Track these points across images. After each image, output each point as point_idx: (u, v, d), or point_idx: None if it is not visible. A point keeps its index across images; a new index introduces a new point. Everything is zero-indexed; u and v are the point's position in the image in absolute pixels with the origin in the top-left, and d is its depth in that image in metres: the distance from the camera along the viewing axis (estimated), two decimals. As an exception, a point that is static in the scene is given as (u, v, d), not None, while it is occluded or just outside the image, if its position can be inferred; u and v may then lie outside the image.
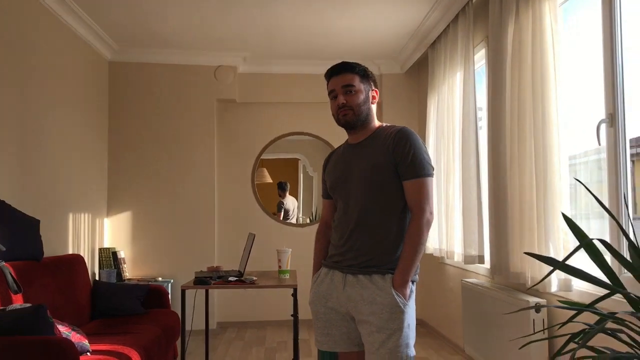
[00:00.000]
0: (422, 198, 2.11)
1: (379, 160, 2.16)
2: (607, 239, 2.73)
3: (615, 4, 2.75)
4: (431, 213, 2.12)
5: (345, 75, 2.24)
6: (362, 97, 2.24)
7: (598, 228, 3.12)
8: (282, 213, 6.42)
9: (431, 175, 2.16)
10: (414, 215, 2.12)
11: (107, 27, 5.08)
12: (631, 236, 1.69)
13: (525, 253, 1.90)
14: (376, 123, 2.31)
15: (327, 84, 2.31)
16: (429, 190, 2.13)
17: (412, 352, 2.09)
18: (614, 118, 2.73)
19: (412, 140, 2.15)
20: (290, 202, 6.50)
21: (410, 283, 2.11)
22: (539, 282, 1.89)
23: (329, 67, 2.31)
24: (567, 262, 1.87)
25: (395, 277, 2.09)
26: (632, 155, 2.73)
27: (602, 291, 2.65)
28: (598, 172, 3.19)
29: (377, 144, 2.21)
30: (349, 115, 2.23)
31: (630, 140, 2.73)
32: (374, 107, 2.31)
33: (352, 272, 2.16)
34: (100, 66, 5.50)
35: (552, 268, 1.73)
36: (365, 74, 2.29)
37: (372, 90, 2.31)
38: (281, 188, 6.49)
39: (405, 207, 2.17)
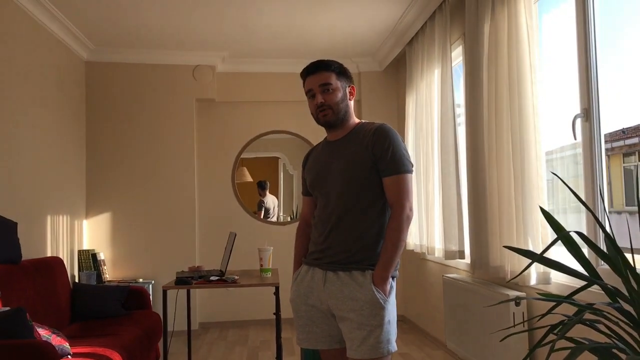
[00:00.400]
0: (401, 194, 2.12)
1: (358, 158, 2.16)
2: (584, 232, 2.78)
3: (588, 0, 2.79)
4: (411, 209, 2.13)
5: (321, 73, 2.23)
6: (340, 94, 2.23)
7: (575, 222, 3.17)
8: (263, 212, 6.41)
9: (410, 171, 2.17)
10: (393, 211, 2.13)
11: (82, 26, 5.02)
12: (607, 228, 1.72)
13: (505, 247, 1.93)
14: (355, 120, 2.31)
15: (304, 84, 2.29)
16: (408, 187, 2.14)
17: (393, 347, 2.09)
18: (588, 113, 2.78)
19: (391, 137, 2.16)
20: (270, 200, 6.50)
21: (390, 279, 2.12)
22: (517, 275, 1.93)
23: (305, 66, 2.30)
24: (546, 255, 1.90)
25: (375, 273, 2.09)
26: (606, 149, 2.78)
27: (580, 283, 2.70)
28: (574, 166, 3.24)
29: (356, 141, 2.21)
30: (329, 115, 2.22)
31: (605, 135, 2.78)
32: (351, 103, 2.31)
33: (332, 269, 2.15)
34: (76, 66, 5.43)
35: (530, 261, 1.76)
36: (341, 71, 2.28)
37: (349, 86, 2.30)
38: (261, 187, 6.49)
39: (385, 203, 2.18)
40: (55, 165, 4.81)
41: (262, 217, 6.37)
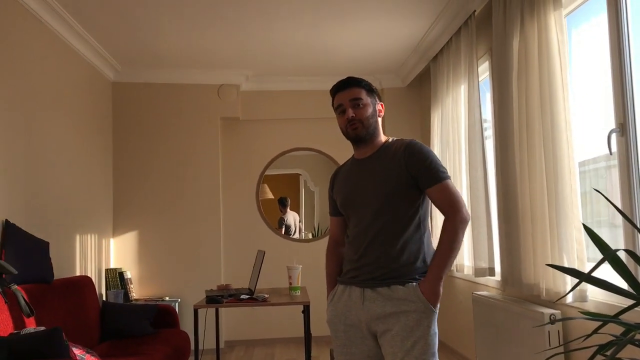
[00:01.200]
0: (452, 198, 2.11)
1: (391, 174, 2.15)
2: (621, 247, 2.72)
3: (622, 13, 2.77)
4: (467, 212, 2.11)
5: (352, 89, 2.25)
6: (370, 110, 2.25)
7: (609, 236, 3.12)
8: (283, 229, 6.40)
9: (449, 177, 2.15)
10: (448, 216, 2.10)
11: (109, 48, 5.10)
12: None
13: (548, 265, 1.90)
14: (383, 137, 2.32)
15: (333, 100, 2.31)
16: (456, 190, 2.14)
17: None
18: (624, 127, 2.74)
19: (424, 150, 2.17)
20: (291, 217, 6.48)
21: (440, 289, 2.07)
22: (565, 295, 1.89)
23: (333, 82, 2.33)
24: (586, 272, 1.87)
25: (427, 278, 2.07)
26: None
27: (619, 301, 2.64)
28: (607, 179, 3.20)
29: (386, 158, 2.21)
30: (359, 129, 2.23)
31: None
32: (380, 120, 2.32)
33: (370, 286, 2.12)
34: (103, 87, 5.51)
35: (576, 280, 1.72)
36: (370, 88, 2.30)
37: (378, 103, 2.33)
38: (282, 204, 6.48)
39: (420, 218, 2.17)
40: (83, 184, 4.87)
41: (283, 233, 6.36)
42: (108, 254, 5.52)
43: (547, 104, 3.12)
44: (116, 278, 5.35)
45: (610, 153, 2.81)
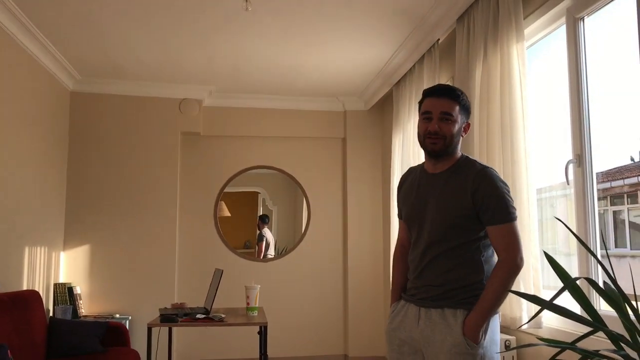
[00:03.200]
0: (511, 244, 2.05)
1: (457, 200, 2.10)
2: (582, 276, 2.79)
3: (580, 47, 2.88)
4: (521, 259, 2.06)
5: (448, 101, 2.13)
6: (457, 127, 2.14)
7: (564, 264, 3.19)
8: (264, 243, 6.32)
9: (516, 218, 2.08)
10: (501, 259, 2.06)
11: (69, 56, 4.98)
12: (610, 271, 1.73)
13: (510, 291, 1.92)
14: (458, 154, 2.22)
15: (422, 101, 2.20)
16: (517, 235, 2.06)
17: None
18: (581, 158, 2.83)
19: (494, 184, 2.07)
20: (269, 234, 6.42)
21: (483, 325, 2.03)
22: (528, 321, 1.91)
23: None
24: (541, 298, 1.89)
25: (469, 319, 2.04)
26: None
27: (574, 329, 2.70)
28: (556, 208, 3.29)
29: (456, 181, 2.13)
30: (439, 145, 2.12)
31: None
32: (461, 139, 2.22)
33: (425, 306, 2.13)
34: (61, 96, 5.37)
35: (535, 307, 1.75)
36: (465, 105, 2.19)
37: (466, 122, 2.21)
38: (262, 220, 6.41)
39: (481, 244, 2.12)
40: (34, 195, 4.70)
41: (263, 249, 6.28)
42: (57, 268, 5.33)
43: (508, 132, 3.19)
44: (65, 293, 5.17)
45: (568, 183, 2.89)
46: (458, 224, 2.10)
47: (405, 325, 2.19)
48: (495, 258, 2.14)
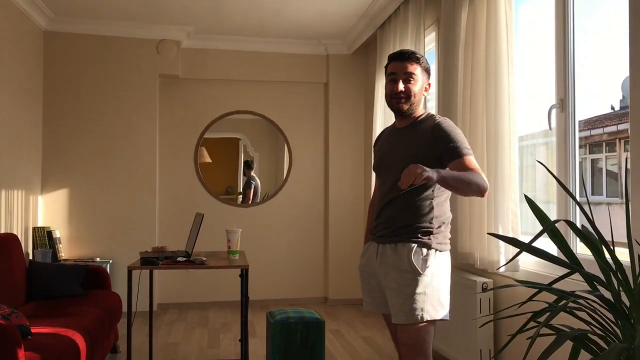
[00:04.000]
0: (473, 168, 2.23)
1: (417, 150, 2.32)
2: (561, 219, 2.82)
3: (568, -8, 2.82)
4: (486, 181, 2.23)
5: (410, 63, 2.38)
6: (419, 85, 2.39)
7: (544, 210, 3.22)
8: (252, 190, 6.30)
9: (471, 154, 2.29)
10: None
11: (42, -6, 4.78)
12: (589, 214, 1.74)
13: (490, 234, 1.94)
14: (420, 111, 2.46)
15: (388, 65, 2.44)
16: (475, 164, 2.27)
17: (429, 315, 2.26)
18: (564, 103, 2.82)
19: (450, 129, 2.31)
20: (256, 181, 6.39)
21: (431, 174, 2.03)
22: (507, 263, 1.94)
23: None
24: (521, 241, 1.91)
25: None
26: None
27: (550, 272, 2.75)
28: (537, 155, 3.30)
29: (417, 133, 2.38)
30: (402, 103, 2.37)
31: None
32: (423, 97, 2.47)
33: (382, 242, 2.40)
34: (34, 36, 5.18)
35: (513, 250, 1.76)
36: (426, 67, 2.44)
37: (427, 82, 2.46)
38: (247, 166, 6.37)
39: (435, 188, 2.32)
40: (9, 138, 4.59)
41: (251, 196, 6.27)
42: (36, 212, 5.28)
43: (492, 77, 3.16)
44: (44, 237, 5.13)
45: (550, 128, 2.89)
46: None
47: (370, 261, 2.46)
48: (447, 205, 2.40)
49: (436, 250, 2.31)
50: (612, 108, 4.21)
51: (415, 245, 2.29)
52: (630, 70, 2.30)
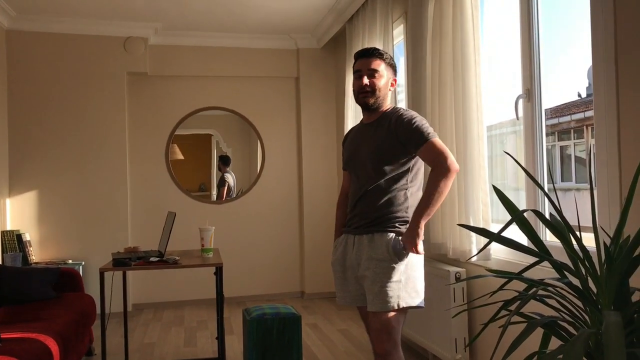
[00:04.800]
0: (437, 154, 2.32)
1: (383, 141, 2.41)
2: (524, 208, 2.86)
3: (532, -17, 2.85)
4: (452, 162, 2.30)
5: (374, 59, 2.47)
6: (383, 80, 2.48)
7: (513, 199, 3.27)
8: (226, 188, 6.25)
9: (436, 136, 2.36)
10: (433, 169, 2.33)
11: (3, -8, 4.67)
12: (556, 203, 1.77)
13: (459, 225, 1.96)
14: (387, 106, 2.54)
15: (355, 63, 2.53)
16: (440, 146, 2.33)
17: (405, 302, 2.33)
18: (530, 93, 2.86)
19: (410, 117, 2.39)
20: (231, 177, 6.34)
21: (420, 231, 2.30)
22: (476, 254, 1.96)
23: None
24: (491, 232, 1.94)
25: (410, 225, 2.33)
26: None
27: (521, 260, 2.79)
28: (507, 144, 3.34)
29: (383, 126, 2.45)
30: (368, 97, 2.46)
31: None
32: (390, 93, 2.55)
33: (358, 233, 2.46)
34: (-4, 35, 5.06)
35: (484, 239, 1.78)
36: (390, 62, 2.53)
37: (393, 78, 2.55)
38: (223, 162, 6.32)
39: (408, 178, 2.42)
40: (-26, 140, 4.49)
41: (225, 194, 6.22)
42: (4, 215, 5.17)
43: (459, 68, 3.19)
44: (14, 240, 5.03)
45: (517, 118, 2.92)
46: (387, 158, 2.41)
47: (346, 253, 2.51)
48: (420, 193, 2.45)
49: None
50: (579, 95, 4.28)
51: (393, 235, 2.37)
52: (593, 59, 2.33)
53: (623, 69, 2.22)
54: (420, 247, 2.33)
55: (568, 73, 3.31)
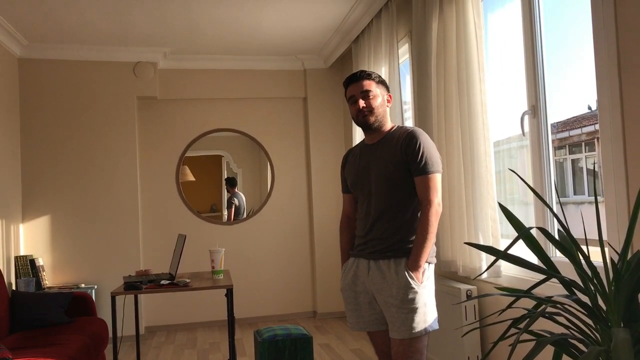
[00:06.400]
0: (429, 192, 2.34)
1: (393, 160, 2.40)
2: (533, 224, 2.86)
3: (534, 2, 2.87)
4: (439, 204, 2.35)
5: (363, 81, 2.48)
6: (379, 100, 2.48)
7: (519, 213, 3.26)
8: (233, 209, 6.29)
9: (439, 171, 2.39)
10: (423, 207, 2.35)
11: (14, 21, 4.75)
12: (563, 221, 1.77)
13: (466, 243, 1.96)
14: (389, 124, 2.53)
15: (346, 91, 2.54)
16: (436, 184, 2.36)
17: (431, 327, 2.34)
18: (536, 109, 2.86)
19: (421, 141, 2.38)
20: (240, 197, 6.38)
21: (424, 265, 2.35)
22: (482, 273, 1.95)
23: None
24: (499, 249, 1.93)
25: (409, 262, 2.34)
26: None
27: (531, 276, 2.78)
28: (517, 158, 3.34)
29: (390, 145, 2.44)
30: (368, 117, 2.46)
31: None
32: (388, 110, 2.54)
33: (374, 258, 2.42)
34: (8, 63, 5.16)
35: (492, 257, 1.78)
36: (380, 81, 2.53)
37: (387, 94, 2.55)
38: (230, 184, 6.37)
39: (418, 202, 2.41)
40: (-12, 167, 4.55)
41: (232, 215, 6.25)
42: (17, 241, 5.22)
43: (464, 86, 3.20)
44: (27, 265, 5.07)
45: (523, 134, 2.93)
46: (397, 179, 2.39)
47: (358, 277, 2.48)
48: None
49: (429, 263, 2.40)
50: (589, 108, 4.27)
51: (406, 259, 2.36)
52: (596, 73, 2.34)
53: (627, 83, 2.23)
54: (421, 277, 2.35)
55: (577, 86, 3.31)
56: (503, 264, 3.06)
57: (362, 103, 2.45)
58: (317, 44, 5.76)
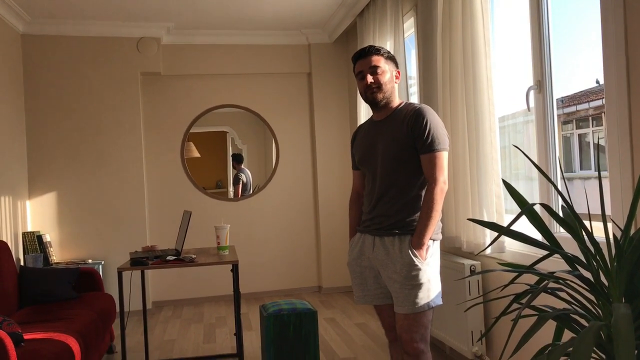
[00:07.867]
0: (435, 169, 2.34)
1: (400, 137, 2.39)
2: (537, 200, 2.86)
3: (541, -28, 2.82)
4: (445, 182, 2.35)
5: (372, 57, 2.45)
6: (387, 76, 2.45)
7: (524, 189, 3.26)
8: (240, 186, 6.30)
9: (445, 149, 2.37)
10: (428, 185, 2.36)
11: (17, -3, 4.73)
12: (566, 197, 1.77)
13: (469, 219, 1.96)
14: (397, 101, 2.51)
15: (354, 67, 2.52)
16: (442, 162, 2.36)
17: (434, 302, 2.37)
18: (542, 84, 2.84)
19: (428, 118, 2.36)
20: (246, 174, 6.38)
21: (428, 243, 2.37)
22: (485, 248, 1.96)
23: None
24: (503, 225, 1.94)
25: (413, 239, 2.36)
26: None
27: (535, 252, 2.78)
28: (524, 134, 3.32)
29: (397, 121, 2.43)
30: (376, 93, 2.44)
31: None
32: (396, 86, 2.52)
33: (379, 235, 2.44)
34: (11, 40, 5.13)
35: (495, 233, 1.79)
36: (389, 56, 2.50)
37: (395, 70, 2.52)
38: (236, 160, 6.37)
39: (424, 179, 2.41)
40: (-7, 144, 4.57)
41: (240, 191, 6.27)
42: (25, 217, 5.26)
43: (470, 60, 3.17)
44: (34, 241, 5.12)
45: (529, 109, 2.91)
46: (404, 157, 2.39)
47: (364, 252, 2.51)
48: None
49: (433, 240, 2.42)
50: (597, 82, 4.22)
51: (410, 237, 2.38)
52: (603, 47, 2.31)
53: (634, 57, 2.20)
54: (425, 254, 2.37)
55: (585, 60, 3.27)
56: (507, 240, 3.07)
57: (370, 79, 2.43)
58: (322, 18, 5.70)
